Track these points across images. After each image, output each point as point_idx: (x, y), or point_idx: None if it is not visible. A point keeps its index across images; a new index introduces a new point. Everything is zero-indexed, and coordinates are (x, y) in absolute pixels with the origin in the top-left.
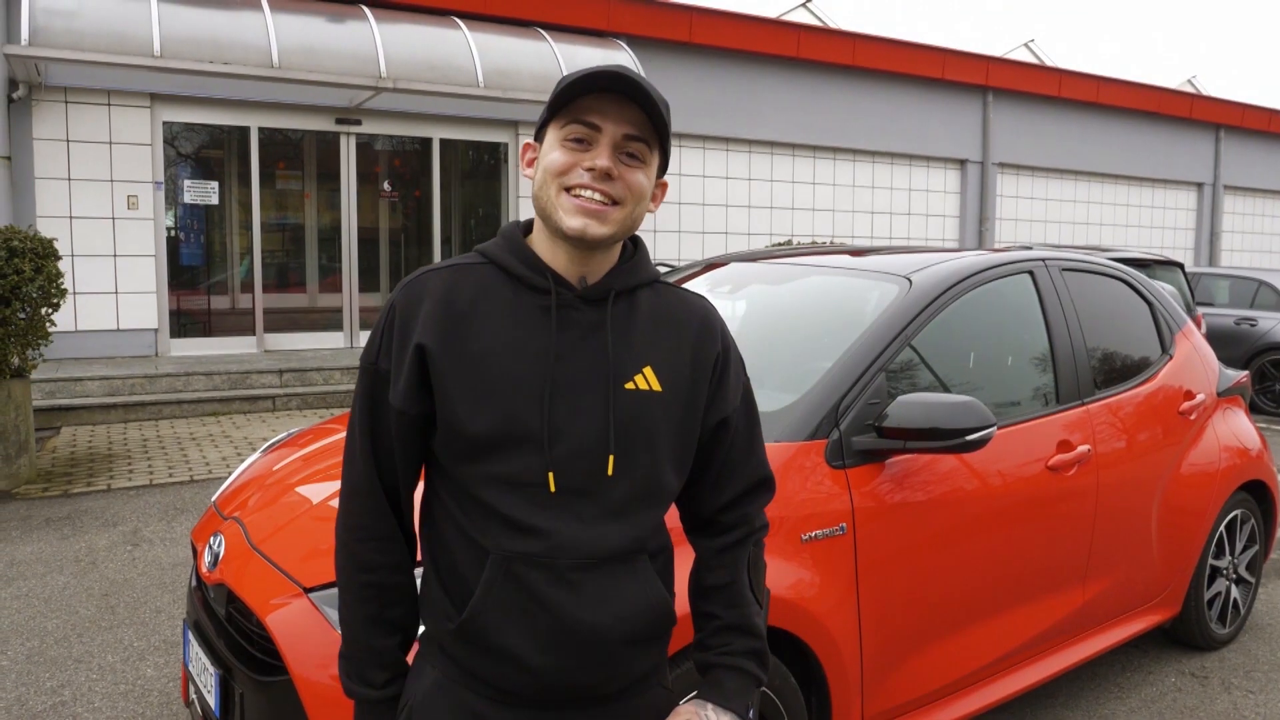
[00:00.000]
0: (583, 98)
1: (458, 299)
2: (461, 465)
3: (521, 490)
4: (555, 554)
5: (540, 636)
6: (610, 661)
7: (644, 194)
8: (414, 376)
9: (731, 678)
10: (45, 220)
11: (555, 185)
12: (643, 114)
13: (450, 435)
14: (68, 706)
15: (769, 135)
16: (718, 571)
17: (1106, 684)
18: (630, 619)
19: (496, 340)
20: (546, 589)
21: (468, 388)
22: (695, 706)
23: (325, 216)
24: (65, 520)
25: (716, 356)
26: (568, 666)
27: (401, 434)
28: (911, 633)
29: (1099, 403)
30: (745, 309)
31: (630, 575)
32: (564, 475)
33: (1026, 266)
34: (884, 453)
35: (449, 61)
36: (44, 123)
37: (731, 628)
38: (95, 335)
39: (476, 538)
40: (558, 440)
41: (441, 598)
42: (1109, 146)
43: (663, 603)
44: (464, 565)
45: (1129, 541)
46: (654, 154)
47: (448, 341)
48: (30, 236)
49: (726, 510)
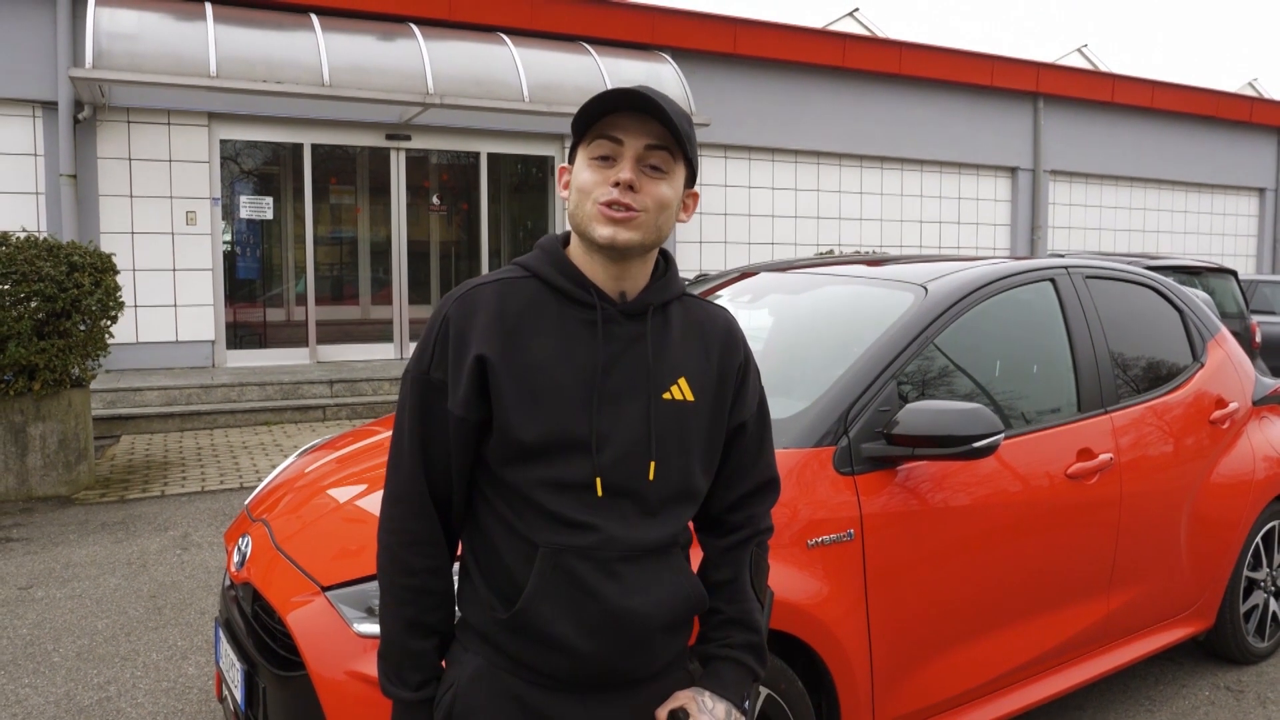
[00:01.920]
0: (605, 118)
1: (508, 312)
2: (512, 469)
3: (570, 492)
4: (602, 547)
5: (588, 624)
6: (650, 646)
7: (668, 204)
8: (474, 385)
9: (729, 669)
10: (108, 236)
11: (589, 201)
12: (661, 127)
13: (504, 441)
14: (112, 702)
15: (815, 145)
16: (722, 569)
17: (1138, 696)
18: (669, 604)
19: (545, 352)
20: (594, 579)
21: (521, 397)
22: (693, 693)
23: (376, 230)
24: (120, 525)
25: (739, 366)
26: (612, 652)
27: (459, 440)
28: (923, 639)
29: (1123, 411)
30: (763, 318)
31: (667, 566)
32: (610, 479)
33: (1048, 274)
34: (893, 460)
35: (495, 77)
36: (108, 142)
37: (732, 622)
38: (155, 347)
39: (525, 533)
40: (604, 447)
41: (486, 592)
42: (1165, 152)
43: (696, 589)
44: (511, 560)
45: (1156, 551)
46: (678, 165)
47: (505, 352)
48: (89, 251)
49: (734, 510)
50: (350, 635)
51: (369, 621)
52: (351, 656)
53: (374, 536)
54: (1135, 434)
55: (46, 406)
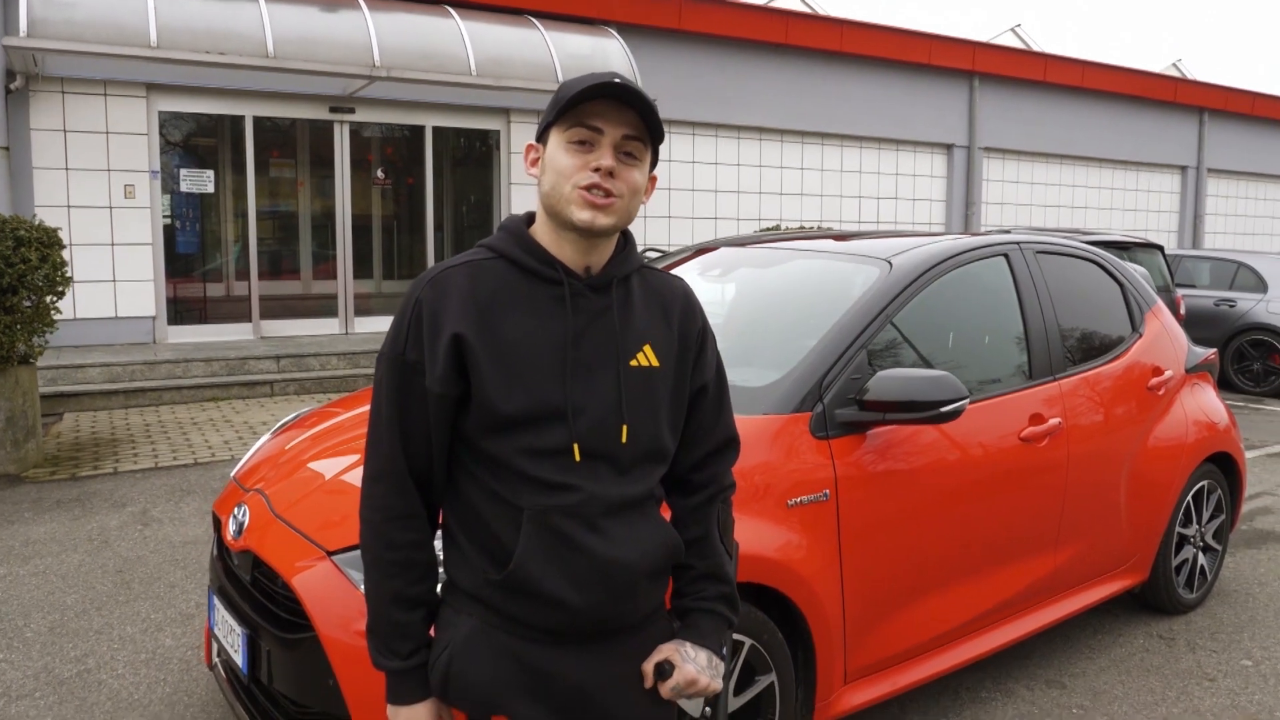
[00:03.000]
0: (585, 104)
1: (480, 292)
2: (493, 440)
3: (550, 458)
4: (584, 505)
5: (578, 577)
6: (635, 593)
7: (640, 189)
8: (450, 363)
9: (706, 620)
10: (44, 210)
11: (568, 185)
12: (638, 117)
13: (484, 414)
14: (92, 674)
15: (758, 121)
16: (692, 527)
17: (1079, 645)
18: (651, 553)
19: (518, 329)
20: (579, 534)
21: (499, 372)
22: (675, 645)
23: (319, 204)
24: (75, 502)
25: (698, 332)
26: (602, 602)
27: (438, 416)
28: (892, 592)
29: (1070, 378)
30: (735, 292)
31: (644, 517)
32: (586, 444)
33: (1002, 250)
34: (865, 424)
35: (442, 50)
36: (41, 113)
37: (705, 576)
38: (94, 323)
39: (509, 498)
40: (580, 415)
41: (475, 556)
42: (1094, 131)
43: (672, 536)
44: (497, 525)
45: (1098, 510)
46: (647, 152)
47: (480, 330)
48: (35, 226)
49: (698, 469)
50: (358, 596)
51: None
52: (360, 616)
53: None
54: (1081, 400)
55: None
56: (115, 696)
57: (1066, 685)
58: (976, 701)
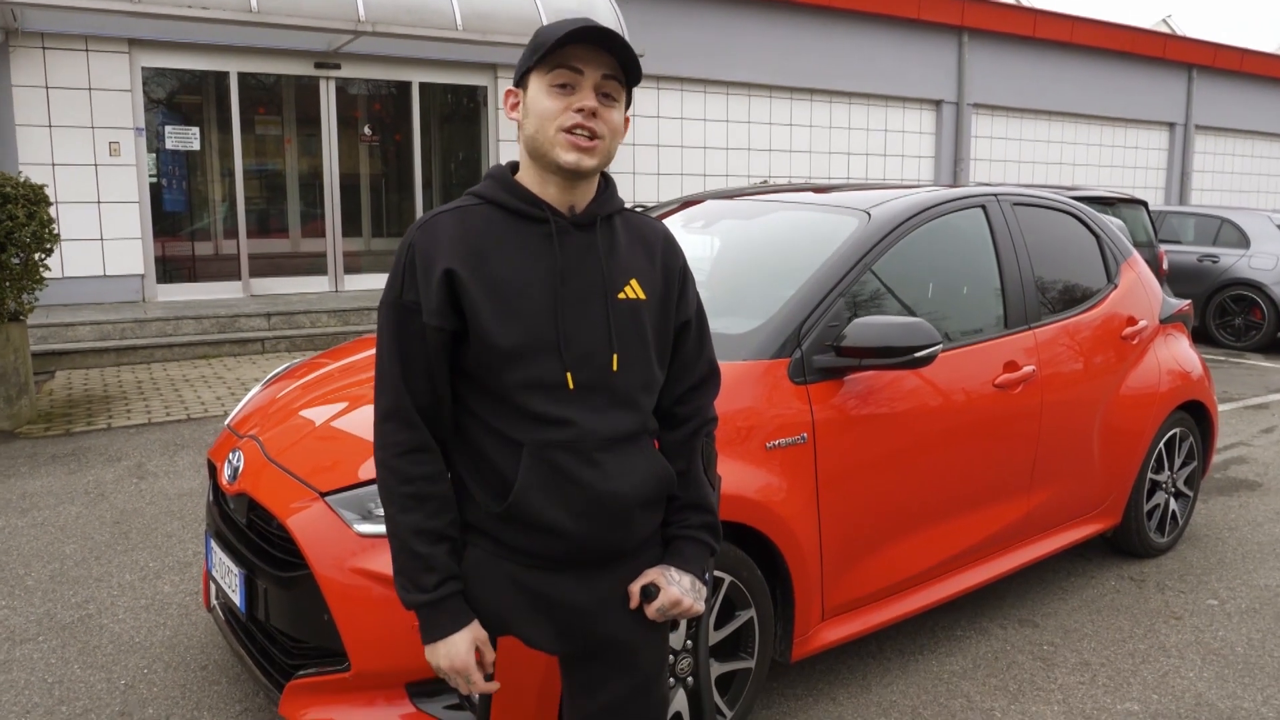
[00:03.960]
0: (565, 48)
1: (470, 234)
2: (493, 375)
3: (546, 390)
4: (580, 440)
5: (576, 508)
6: (630, 523)
7: (619, 129)
8: (444, 296)
9: (690, 546)
10: (28, 167)
11: (552, 126)
12: (614, 59)
13: (482, 349)
14: (94, 619)
15: (746, 77)
16: (677, 461)
17: (1052, 586)
18: (644, 485)
19: (509, 267)
20: (577, 468)
21: (495, 309)
22: (660, 569)
23: (306, 162)
24: (70, 456)
25: (680, 268)
26: (599, 531)
27: (436, 351)
28: (867, 533)
29: (1044, 328)
30: (718, 243)
31: (639, 451)
32: (580, 374)
33: (979, 201)
34: (842, 370)
35: (427, 5)
36: (22, 69)
37: (689, 505)
38: (83, 281)
39: (509, 433)
40: (570, 346)
41: (479, 489)
42: (1083, 87)
43: (665, 468)
44: (498, 459)
45: (1071, 455)
46: (623, 92)
47: (471, 268)
48: (21, 183)
49: (682, 402)
50: (351, 535)
51: (367, 523)
52: (353, 554)
53: (359, 450)
54: (1055, 349)
55: None
56: (117, 640)
57: (1038, 624)
58: (952, 639)
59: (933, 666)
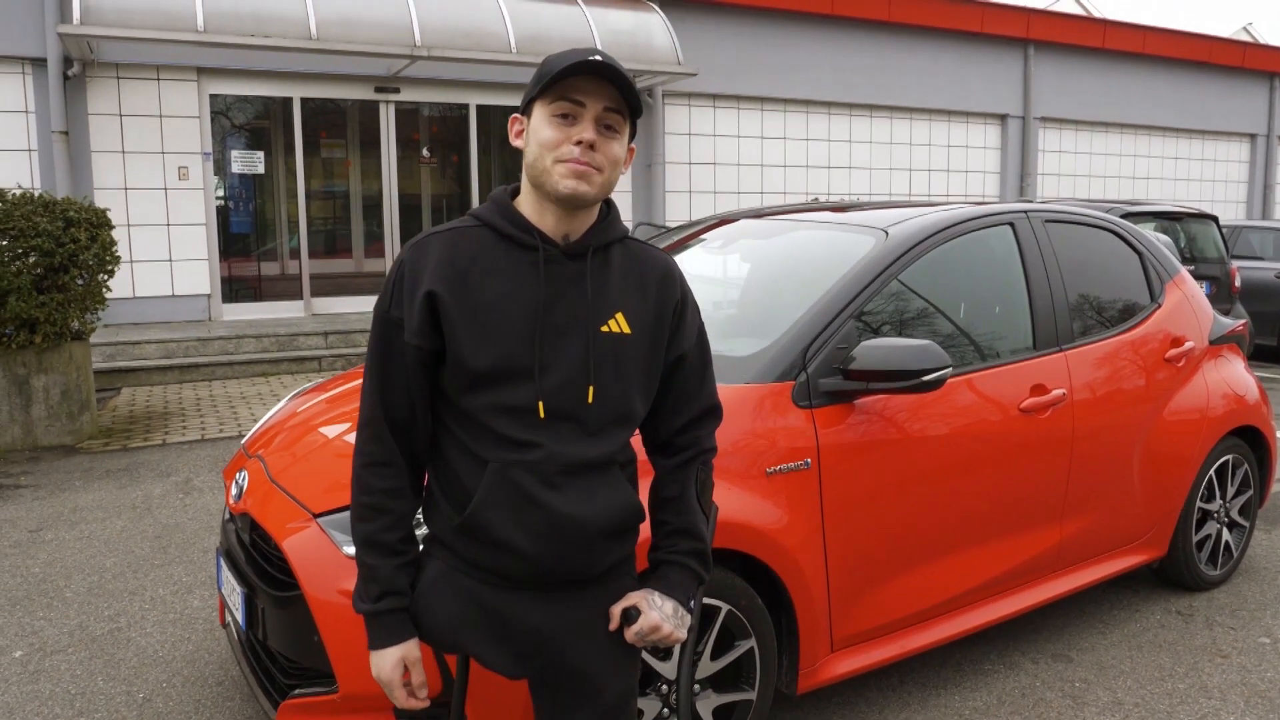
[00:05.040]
0: (568, 79)
1: (459, 256)
2: (465, 395)
3: (516, 415)
4: (545, 462)
5: (533, 529)
6: (590, 550)
7: (619, 161)
8: (425, 316)
9: (675, 572)
10: (102, 192)
11: (550, 157)
12: (617, 91)
13: (457, 370)
14: (123, 632)
15: (804, 94)
16: (670, 486)
17: (1092, 619)
18: (606, 512)
19: (493, 292)
20: (537, 489)
21: (472, 331)
22: (644, 594)
23: (367, 183)
24: (124, 471)
25: (676, 303)
26: (555, 554)
27: (415, 368)
28: (880, 562)
29: (1078, 349)
30: (733, 263)
31: (604, 479)
32: (552, 403)
33: (1006, 218)
34: (850, 394)
35: (482, 28)
36: (98, 98)
37: (678, 531)
38: (152, 301)
39: (477, 451)
40: (546, 374)
41: (444, 503)
42: (1156, 98)
43: (631, 500)
44: (465, 475)
45: (1109, 482)
46: (626, 125)
47: (454, 291)
48: (85, 207)
49: (681, 433)
50: (340, 557)
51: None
52: (341, 577)
53: None
54: (1089, 371)
55: (48, 359)
56: (141, 653)
57: (1073, 659)
58: (978, 673)
59: (954, 701)
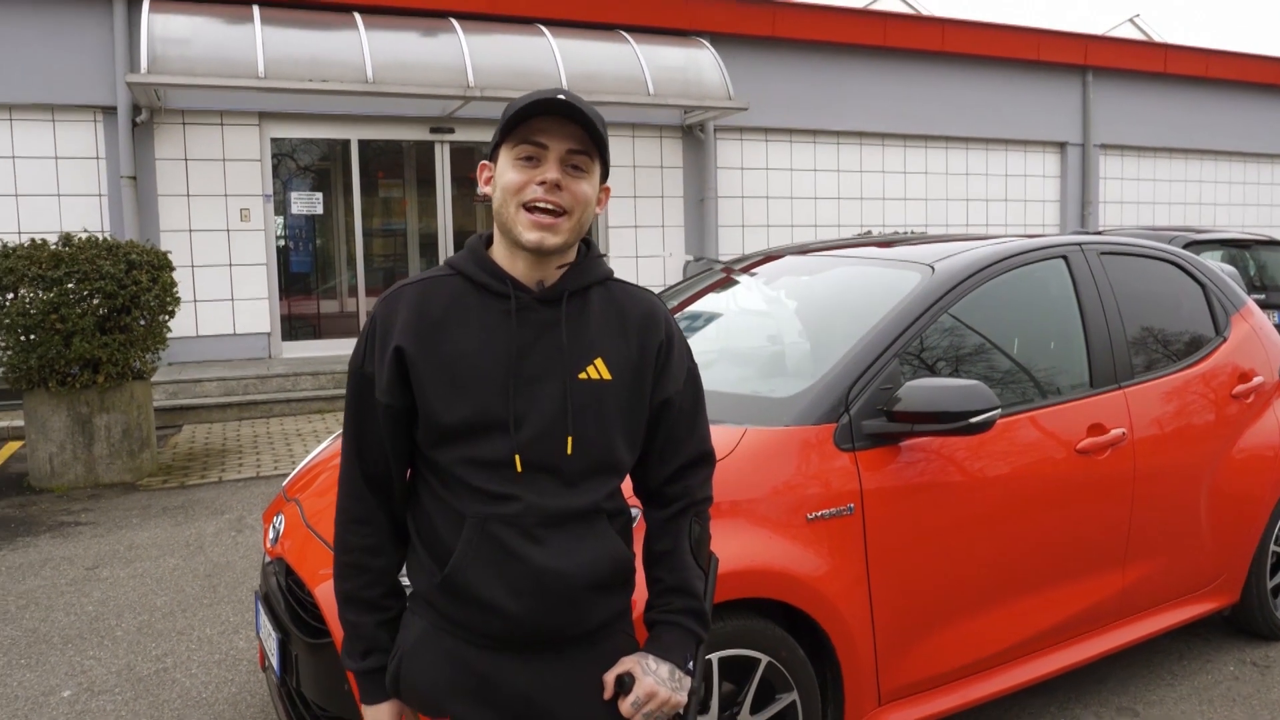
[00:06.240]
0: (529, 121)
1: (430, 309)
2: (439, 450)
3: (491, 468)
4: (524, 514)
5: (514, 584)
6: (575, 605)
7: (589, 201)
8: (394, 373)
9: (670, 633)
10: (167, 234)
11: (514, 203)
12: (582, 130)
13: (429, 425)
14: (169, 673)
15: (857, 126)
16: (663, 540)
17: (1159, 670)
18: (590, 566)
19: (467, 342)
20: (517, 543)
21: (442, 385)
22: (637, 658)
23: (424, 221)
24: (180, 509)
25: (660, 345)
26: (539, 610)
27: (389, 424)
28: (930, 611)
29: (1138, 386)
30: (774, 301)
31: (589, 530)
32: (529, 456)
33: (1059, 252)
34: (894, 436)
35: (534, 68)
36: (164, 144)
37: (672, 589)
38: (214, 340)
39: (455, 505)
40: (522, 426)
41: (426, 559)
42: (1221, 123)
43: (619, 553)
44: (444, 530)
45: (1174, 526)
46: (595, 164)
47: (422, 346)
48: (146, 250)
49: (671, 482)
50: None
51: None
52: None
53: None
54: (1150, 409)
55: (110, 398)
56: (185, 695)
57: (1139, 713)
58: None
59: None
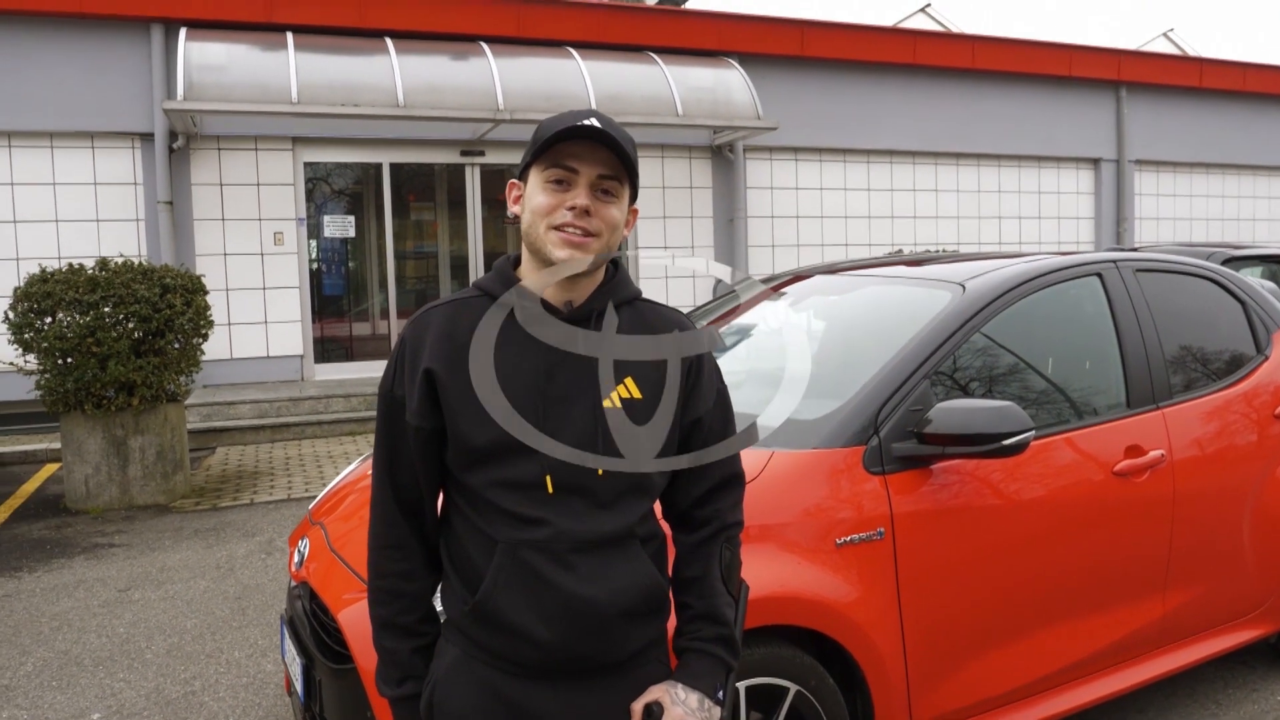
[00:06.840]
0: (561, 144)
1: (458, 331)
2: (470, 472)
3: (523, 491)
4: (555, 540)
5: (545, 611)
6: (608, 633)
7: (618, 225)
8: (424, 396)
9: (700, 661)
10: (203, 258)
11: (544, 224)
12: (613, 155)
13: (458, 447)
14: (196, 696)
15: (887, 144)
16: (693, 566)
17: (1204, 700)
18: (623, 593)
19: (495, 363)
20: (548, 569)
21: (471, 407)
22: (666, 687)
23: (455, 244)
24: (211, 531)
25: (690, 364)
26: (570, 638)
27: (420, 447)
28: (963, 637)
29: (1177, 406)
30: (802, 321)
31: (622, 556)
32: (559, 477)
33: (1094, 269)
34: (926, 459)
35: (563, 91)
36: (200, 169)
37: (702, 616)
38: (248, 362)
39: (486, 530)
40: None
41: (458, 585)
42: (1261, 137)
43: (653, 579)
44: (476, 555)
45: (1216, 550)
46: (625, 188)
47: (451, 368)
48: (180, 274)
49: (700, 505)
50: None
51: None
52: None
53: None
54: (1190, 430)
55: (145, 421)
56: (212, 718)
57: None
58: None
59: None
